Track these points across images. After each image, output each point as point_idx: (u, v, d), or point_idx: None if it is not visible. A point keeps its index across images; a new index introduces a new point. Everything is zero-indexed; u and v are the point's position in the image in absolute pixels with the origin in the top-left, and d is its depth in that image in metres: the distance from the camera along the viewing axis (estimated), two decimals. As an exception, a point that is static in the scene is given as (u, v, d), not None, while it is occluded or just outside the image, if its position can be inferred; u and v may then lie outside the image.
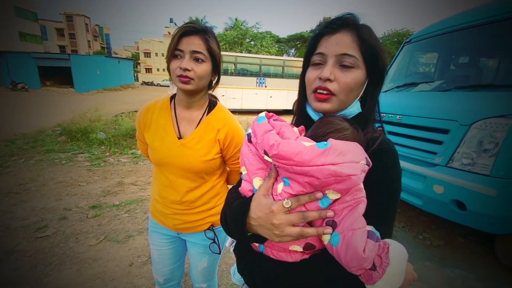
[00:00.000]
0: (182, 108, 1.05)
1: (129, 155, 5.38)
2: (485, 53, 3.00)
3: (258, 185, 0.57)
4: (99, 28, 63.49)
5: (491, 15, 2.51)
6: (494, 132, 1.87)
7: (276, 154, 0.48)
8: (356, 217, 0.49)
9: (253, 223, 0.55)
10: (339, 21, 0.60)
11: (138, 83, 43.57)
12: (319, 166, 0.45)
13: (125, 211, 3.00)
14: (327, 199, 0.49)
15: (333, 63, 0.59)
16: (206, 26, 0.96)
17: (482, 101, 2.12)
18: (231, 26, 30.27)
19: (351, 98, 0.62)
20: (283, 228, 0.51)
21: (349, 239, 0.47)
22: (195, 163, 1.02)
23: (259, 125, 0.56)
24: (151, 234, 1.22)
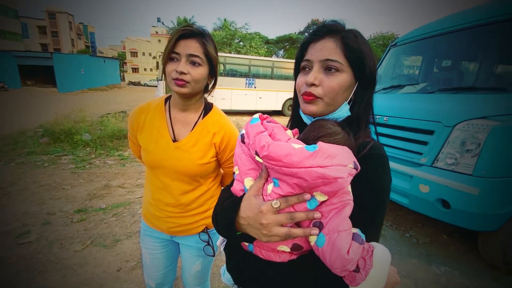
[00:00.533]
0: (177, 111, 1.04)
1: (116, 157, 5.25)
2: (466, 57, 3.11)
3: (249, 185, 0.58)
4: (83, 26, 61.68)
5: (470, 21, 2.62)
6: (476, 133, 1.94)
7: (266, 155, 0.49)
8: (342, 219, 0.50)
9: (242, 222, 0.56)
10: (323, 28, 0.64)
11: (125, 83, 42.63)
12: (307, 168, 0.46)
13: (112, 215, 2.93)
14: (315, 200, 0.50)
15: (318, 68, 0.62)
16: (203, 29, 0.95)
17: (464, 103, 2.20)
18: (220, 26, 30.13)
19: (339, 101, 0.63)
20: (271, 228, 0.52)
21: (334, 241, 0.48)
22: (190, 166, 1.00)
23: (252, 126, 0.57)
24: (143, 237, 1.20)
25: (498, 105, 2.02)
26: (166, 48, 0.91)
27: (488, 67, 2.65)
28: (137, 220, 2.83)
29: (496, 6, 2.50)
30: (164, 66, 0.93)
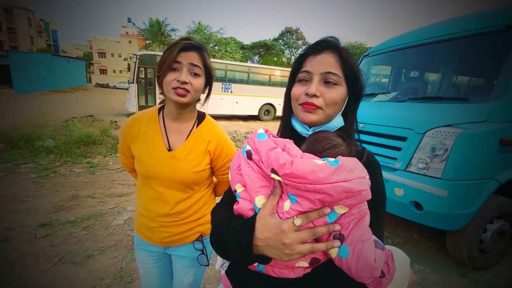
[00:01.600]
0: (171, 120, 1.05)
1: (84, 164, 4.91)
2: (431, 69, 3.38)
3: (261, 203, 0.55)
4: (44, 23, 57.40)
5: (433, 36, 2.86)
6: (444, 140, 2.10)
7: (289, 173, 0.48)
8: (364, 228, 0.52)
9: (260, 244, 0.53)
10: (323, 43, 0.66)
11: (91, 85, 40.29)
12: (333, 184, 0.46)
13: (82, 228, 2.71)
14: (335, 213, 0.51)
15: (319, 80, 0.64)
16: (201, 43, 1.00)
17: (432, 111, 2.38)
18: (194, 29, 29.79)
19: (335, 112, 0.67)
20: (294, 247, 0.51)
21: (360, 251, 0.49)
22: (186, 174, 1.02)
23: (261, 142, 0.56)
24: (137, 252, 1.18)
25: (461, 114, 2.21)
26: (166, 59, 0.92)
27: (451, 79, 2.90)
28: (111, 233, 2.65)
29: (457, 23, 2.75)
30: (163, 76, 0.94)
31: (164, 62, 0.93)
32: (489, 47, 2.44)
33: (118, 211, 3.13)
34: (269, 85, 13.51)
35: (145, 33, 34.56)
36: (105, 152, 5.61)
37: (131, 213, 3.09)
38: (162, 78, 0.95)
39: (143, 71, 11.25)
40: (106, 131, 6.76)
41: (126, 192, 3.74)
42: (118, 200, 3.47)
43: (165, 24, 34.50)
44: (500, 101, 2.14)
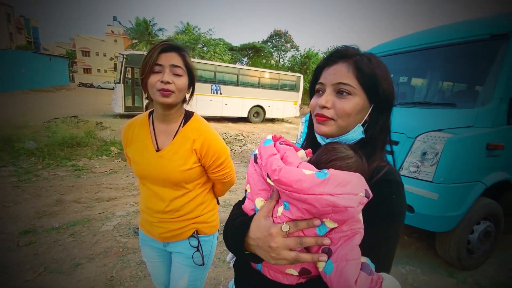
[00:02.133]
0: (159, 122, 1.10)
1: (68, 167, 4.72)
2: (419, 74, 3.49)
3: (260, 205, 0.59)
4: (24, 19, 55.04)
5: (422, 43, 2.96)
6: (434, 144, 2.17)
7: (277, 179, 0.50)
8: (351, 248, 0.49)
9: (252, 243, 0.57)
10: (336, 53, 0.66)
11: (74, 84, 38.93)
12: (317, 195, 0.46)
13: (69, 235, 2.60)
14: (325, 227, 0.51)
15: (331, 91, 0.64)
16: (180, 44, 1.05)
17: (422, 116, 2.45)
18: (182, 30, 29.45)
19: (351, 123, 0.64)
20: (280, 252, 0.52)
21: (342, 269, 0.48)
22: (173, 173, 1.05)
23: (265, 148, 0.59)
24: (142, 246, 1.26)
25: (450, 119, 2.29)
26: (148, 61, 0.95)
27: (439, 85, 3.00)
28: (100, 239, 2.55)
29: (444, 31, 2.86)
30: (146, 78, 0.98)
31: (146, 65, 0.96)
32: (475, 55, 2.54)
33: (106, 217, 3.02)
34: (259, 87, 13.53)
35: (132, 33, 33.83)
36: (90, 155, 5.42)
37: (120, 218, 3.00)
38: (146, 81, 0.98)
39: (130, 71, 10.99)
40: (92, 133, 6.54)
41: (114, 196, 3.62)
42: (106, 204, 3.36)
43: (152, 24, 33.94)
44: (486, 107, 2.23)
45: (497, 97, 2.22)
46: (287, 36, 31.52)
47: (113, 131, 7.51)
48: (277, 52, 31.83)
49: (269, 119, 14.87)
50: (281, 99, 14.28)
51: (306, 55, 26.15)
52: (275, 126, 13.31)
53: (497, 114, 2.22)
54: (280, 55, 32.01)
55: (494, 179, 2.27)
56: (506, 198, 2.50)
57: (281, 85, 14.36)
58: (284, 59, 31.31)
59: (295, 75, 15.40)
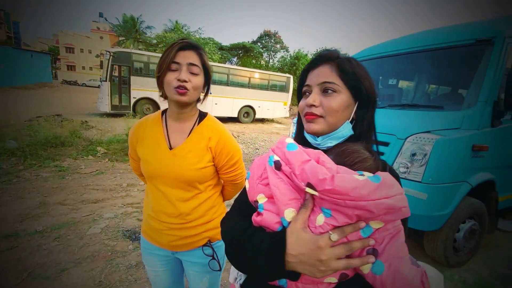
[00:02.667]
0: (173, 121, 1.08)
1: (52, 168, 4.55)
2: (407, 77, 3.58)
3: (290, 216, 0.53)
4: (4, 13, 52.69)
5: (410, 47, 3.04)
6: (423, 145, 2.22)
7: (329, 190, 0.46)
8: (400, 244, 0.51)
9: (292, 260, 0.51)
10: (319, 57, 0.71)
11: (58, 82, 37.61)
12: (375, 201, 0.45)
13: (53, 238, 2.50)
14: (370, 228, 0.50)
15: (317, 91, 0.68)
16: (197, 43, 1.02)
17: (412, 118, 2.51)
18: (171, 28, 29.03)
19: (340, 120, 0.67)
20: (330, 263, 0.49)
21: (397, 267, 0.49)
22: (187, 171, 1.03)
23: (293, 154, 0.54)
24: (144, 255, 1.19)
25: (438, 121, 2.36)
26: (165, 59, 0.95)
27: (426, 88, 3.08)
28: (87, 243, 2.47)
29: (432, 35, 2.94)
30: (162, 76, 0.97)
31: (163, 63, 0.95)
32: (461, 59, 2.63)
33: (93, 219, 2.92)
34: (249, 88, 13.52)
35: (118, 29, 33.01)
36: (75, 155, 5.24)
37: (108, 220, 2.91)
38: (162, 79, 0.97)
39: (117, 69, 10.72)
40: (77, 132, 6.32)
41: (101, 198, 3.51)
42: (92, 206, 3.25)
43: (140, 21, 33.28)
44: (471, 109, 2.31)
45: (482, 100, 2.30)
46: (277, 37, 31.68)
47: (99, 130, 7.29)
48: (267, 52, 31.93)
49: (259, 120, 14.88)
50: (271, 100, 14.32)
51: (296, 56, 26.38)
52: (265, 127, 13.33)
53: (482, 117, 2.30)
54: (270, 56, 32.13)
55: (479, 179, 2.35)
56: (490, 198, 2.59)
57: (271, 85, 14.41)
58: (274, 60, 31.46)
59: (285, 75, 15.49)
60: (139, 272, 2.13)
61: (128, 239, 2.58)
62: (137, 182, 4.26)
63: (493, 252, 2.79)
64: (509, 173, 2.67)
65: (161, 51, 22.89)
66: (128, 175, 4.57)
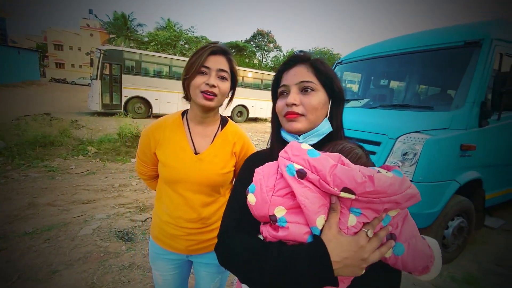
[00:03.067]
0: (195, 124, 1.07)
1: (41, 168, 4.45)
2: (397, 78, 3.64)
3: (321, 224, 0.53)
4: (-12, 8, 51.08)
5: (401, 48, 3.10)
6: (413, 145, 2.27)
7: (371, 191, 0.48)
8: (412, 224, 0.58)
9: (337, 266, 0.51)
10: (294, 58, 0.73)
11: (46, 80, 36.75)
12: (403, 193, 0.50)
13: (44, 240, 2.45)
14: (388, 217, 0.55)
15: (296, 90, 0.70)
16: (227, 48, 1.02)
17: (403, 118, 2.56)
18: (163, 26, 28.73)
19: (319, 118, 0.70)
20: (369, 259, 0.52)
21: (415, 245, 0.56)
22: (213, 177, 1.03)
23: (319, 160, 0.53)
24: (154, 260, 1.16)
25: (428, 121, 2.42)
26: (195, 62, 0.94)
27: (417, 88, 3.15)
28: (78, 244, 2.43)
29: (422, 37, 3.00)
30: (190, 79, 0.96)
31: (192, 65, 0.94)
32: (451, 61, 2.70)
33: (84, 220, 2.88)
34: (242, 87, 13.49)
35: (109, 27, 32.49)
36: (65, 155, 5.14)
37: (100, 221, 2.87)
38: (190, 81, 0.96)
39: (108, 67, 10.55)
40: (66, 131, 6.19)
41: (93, 199, 3.46)
42: (84, 207, 3.20)
43: (131, 19, 32.79)
44: (460, 110, 2.38)
45: (470, 101, 2.37)
46: (270, 36, 31.72)
47: (90, 129, 7.16)
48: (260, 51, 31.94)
49: (252, 119, 14.88)
50: (264, 99, 14.34)
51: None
52: (258, 126, 13.35)
53: (470, 117, 2.36)
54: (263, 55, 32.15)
55: (467, 178, 2.43)
56: (477, 196, 2.67)
57: (264, 84, 14.42)
58: (267, 59, 31.50)
59: (278, 75, 15.53)
60: (132, 273, 2.12)
61: (121, 240, 2.55)
62: (129, 182, 4.21)
63: (480, 248, 2.88)
64: (495, 172, 2.76)
65: (152, 49, 22.64)
66: (120, 175, 4.52)
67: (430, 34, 3.02)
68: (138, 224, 2.87)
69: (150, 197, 3.71)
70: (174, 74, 11.88)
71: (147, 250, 2.42)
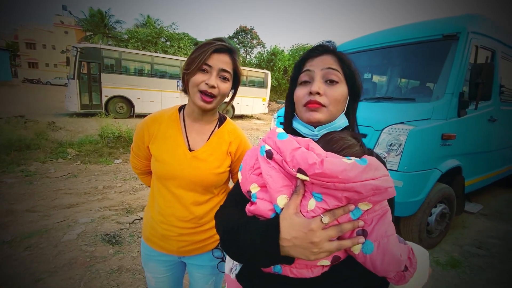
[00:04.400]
0: (192, 121, 1.03)
1: (18, 173, 4.22)
2: (380, 71, 3.73)
3: (283, 203, 0.55)
4: (-51, 4, 47.56)
5: (382, 42, 3.18)
6: (398, 136, 2.33)
7: (319, 173, 0.48)
8: (388, 224, 0.54)
9: (286, 244, 0.52)
10: (321, 47, 0.70)
11: (18, 80, 34.77)
12: (363, 182, 0.47)
13: (24, 248, 2.33)
14: (359, 210, 0.52)
15: (320, 78, 0.66)
16: (233, 46, 0.97)
17: (387, 110, 2.63)
18: (142, 23, 27.88)
19: (339, 111, 0.69)
20: (322, 245, 0.51)
21: (386, 245, 0.52)
22: (207, 175, 0.99)
23: (284, 142, 0.55)
24: (146, 262, 1.12)
25: (410, 112, 2.49)
26: (197, 59, 0.89)
27: (398, 81, 3.24)
28: (62, 250, 2.32)
29: (403, 31, 3.08)
30: (190, 75, 0.91)
31: (194, 61, 0.90)
32: (430, 54, 2.79)
33: (68, 225, 2.76)
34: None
35: (85, 24, 31.17)
36: (43, 158, 4.90)
37: (85, 225, 2.76)
38: (189, 78, 0.92)
39: (86, 66, 10.12)
40: (43, 134, 5.90)
41: (75, 202, 3.32)
42: (66, 212, 3.06)
43: (109, 15, 31.61)
44: (440, 101, 2.47)
45: (449, 92, 2.46)
46: (253, 33, 31.57)
47: (69, 131, 6.86)
48: (244, 48, 31.75)
49: (238, 116, 14.82)
50: (249, 96, 14.30)
51: (273, 52, 26.47)
52: (244, 123, 13.31)
53: (450, 108, 2.46)
54: (247, 52, 31.99)
55: (448, 166, 2.53)
56: (457, 183, 2.79)
57: (249, 81, 14.38)
58: (251, 56, 31.35)
59: (263, 71, 15.52)
60: (121, 276, 2.05)
61: (107, 244, 2.47)
62: (113, 184, 4.08)
63: (461, 232, 3.02)
64: (473, 159, 2.90)
65: (132, 47, 21.92)
66: (103, 177, 4.36)
67: (411, 28, 3.10)
68: (125, 227, 2.79)
69: (137, 198, 3.61)
70: (156, 72, 11.59)
71: (136, 253, 2.36)
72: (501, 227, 3.21)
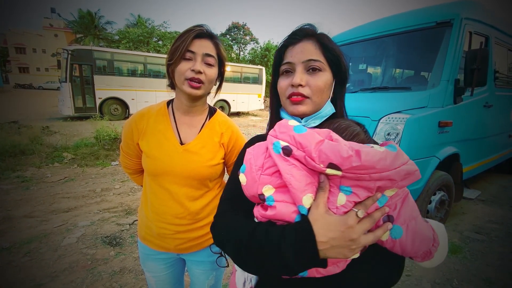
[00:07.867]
0: (181, 114, 1.00)
1: (13, 179, 4.17)
2: (375, 61, 3.72)
3: (309, 203, 0.50)
4: None
5: (376, 32, 3.16)
6: (395, 125, 2.33)
7: (357, 166, 0.45)
8: (412, 206, 0.53)
9: (323, 247, 0.48)
10: (300, 32, 0.66)
11: (10, 86, 34.31)
12: (397, 169, 0.46)
13: (24, 254, 2.30)
14: (385, 197, 0.51)
15: (301, 69, 0.64)
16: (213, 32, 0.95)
17: (383, 100, 2.62)
18: (133, 23, 27.57)
19: (324, 100, 0.66)
20: (360, 240, 0.48)
21: (414, 227, 0.52)
22: (201, 168, 0.96)
23: (305, 136, 0.50)
24: (144, 261, 1.10)
25: (407, 101, 2.49)
26: (179, 47, 0.87)
27: (393, 71, 3.23)
28: (62, 254, 2.30)
29: (396, 20, 3.06)
30: (174, 65, 0.89)
31: (176, 50, 0.87)
32: (424, 41, 2.78)
33: (67, 229, 2.73)
34: (227, 82, 13.32)
35: (75, 26, 30.72)
36: (39, 163, 4.84)
37: (84, 228, 2.73)
38: (174, 68, 0.89)
39: (78, 68, 9.99)
40: (38, 139, 5.82)
41: (74, 206, 3.29)
42: (65, 216, 3.03)
43: (99, 16, 31.17)
44: (436, 89, 2.46)
45: (444, 80, 2.46)
46: (246, 29, 31.38)
47: (64, 135, 6.77)
48: (237, 45, 31.57)
49: (235, 113, 14.76)
50: (245, 92, 14.24)
51: (266, 48, 26.35)
52: (241, 120, 13.26)
53: (445, 95, 2.46)
54: (240, 48, 31.81)
55: (446, 153, 2.54)
56: (455, 169, 2.81)
57: (244, 78, 14.30)
58: (244, 52, 31.19)
59: (257, 67, 15.44)
60: (124, 277, 2.04)
61: (108, 246, 2.45)
62: (111, 186, 4.04)
63: (460, 218, 3.05)
64: (470, 145, 2.91)
65: (124, 47, 21.67)
66: (101, 179, 4.32)
67: (404, 17, 3.09)
68: (125, 228, 2.77)
69: (136, 199, 3.59)
70: (149, 72, 11.48)
71: (138, 253, 2.34)
72: (499, 212, 3.24)
